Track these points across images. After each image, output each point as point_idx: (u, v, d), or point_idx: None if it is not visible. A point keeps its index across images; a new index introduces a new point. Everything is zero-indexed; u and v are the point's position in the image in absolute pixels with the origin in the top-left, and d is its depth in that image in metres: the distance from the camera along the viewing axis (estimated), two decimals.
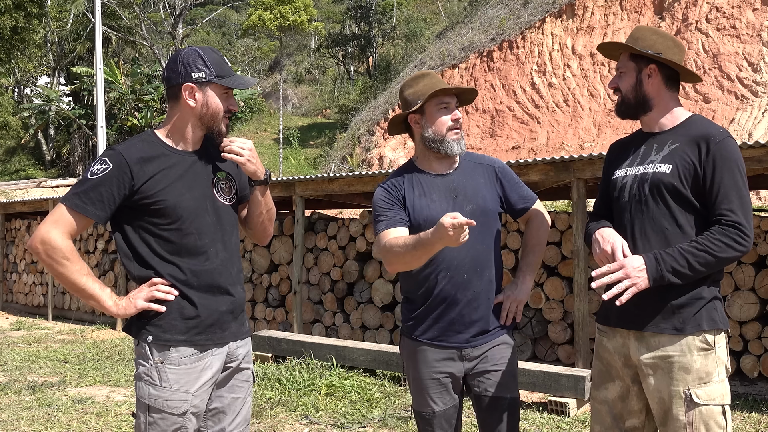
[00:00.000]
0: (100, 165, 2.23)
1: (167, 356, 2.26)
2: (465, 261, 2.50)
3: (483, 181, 2.62)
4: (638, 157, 2.41)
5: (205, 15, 39.71)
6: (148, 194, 2.24)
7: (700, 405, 2.20)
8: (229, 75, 2.33)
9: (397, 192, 2.62)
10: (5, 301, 12.70)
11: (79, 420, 5.08)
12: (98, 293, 2.26)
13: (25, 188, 23.63)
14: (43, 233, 2.19)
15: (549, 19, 19.60)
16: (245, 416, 2.46)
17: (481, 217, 2.51)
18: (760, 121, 14.48)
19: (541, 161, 6.04)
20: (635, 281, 2.20)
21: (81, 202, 2.20)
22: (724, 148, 2.24)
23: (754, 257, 5.56)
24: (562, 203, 12.98)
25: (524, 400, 5.51)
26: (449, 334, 2.53)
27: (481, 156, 2.73)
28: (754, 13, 16.01)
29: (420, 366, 2.57)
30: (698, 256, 2.18)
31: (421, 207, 2.56)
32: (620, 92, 2.42)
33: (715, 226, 2.20)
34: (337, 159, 23.29)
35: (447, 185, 2.59)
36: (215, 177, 2.40)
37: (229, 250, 2.39)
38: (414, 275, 2.58)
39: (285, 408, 5.30)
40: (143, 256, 2.29)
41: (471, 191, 2.58)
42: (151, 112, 30.17)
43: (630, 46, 2.38)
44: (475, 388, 2.57)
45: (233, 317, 2.39)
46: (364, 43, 36.23)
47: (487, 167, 2.66)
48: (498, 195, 2.63)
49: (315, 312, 8.10)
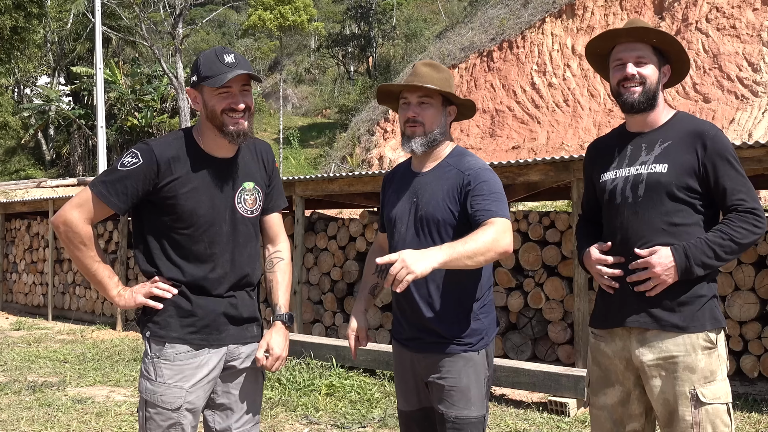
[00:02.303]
0: (131, 158, 2.27)
1: (162, 352, 2.29)
2: None
3: (446, 187, 2.39)
4: (626, 158, 2.36)
5: (205, 15, 39.68)
6: (169, 195, 2.27)
7: (706, 404, 2.20)
8: (218, 74, 2.24)
9: (383, 186, 2.66)
10: (5, 301, 12.70)
11: (79, 420, 5.07)
12: (106, 281, 2.33)
13: (25, 188, 23.60)
14: (67, 214, 2.26)
15: (549, 19, 19.60)
16: (253, 415, 2.47)
17: (427, 227, 2.39)
18: (760, 121, 14.48)
19: (541, 161, 6.04)
20: (662, 280, 2.22)
21: (106, 191, 2.26)
22: (719, 142, 2.25)
23: (754, 257, 5.56)
24: (562, 203, 12.98)
25: (524, 400, 5.51)
26: (404, 336, 2.52)
27: (467, 161, 2.44)
28: (754, 13, 16.01)
29: (394, 363, 2.62)
30: (724, 246, 2.19)
31: (389, 204, 2.55)
32: (643, 83, 2.30)
33: (732, 214, 2.22)
34: (337, 159, 23.29)
35: (415, 185, 2.49)
36: (241, 186, 2.39)
37: (237, 263, 2.37)
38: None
39: (285, 408, 5.30)
40: (152, 252, 2.32)
41: (427, 197, 2.42)
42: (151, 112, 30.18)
43: (675, 39, 2.32)
44: (431, 399, 2.46)
45: (234, 323, 2.37)
46: (364, 43, 36.23)
47: (459, 174, 2.39)
48: (457, 207, 2.36)
49: (315, 312, 8.10)
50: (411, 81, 2.43)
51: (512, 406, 5.37)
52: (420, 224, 2.41)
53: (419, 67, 2.45)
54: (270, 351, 2.40)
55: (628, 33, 2.32)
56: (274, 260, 2.54)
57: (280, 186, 2.58)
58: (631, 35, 2.32)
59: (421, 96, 2.42)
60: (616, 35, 2.37)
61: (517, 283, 6.66)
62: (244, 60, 2.31)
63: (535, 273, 6.52)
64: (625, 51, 2.33)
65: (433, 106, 2.43)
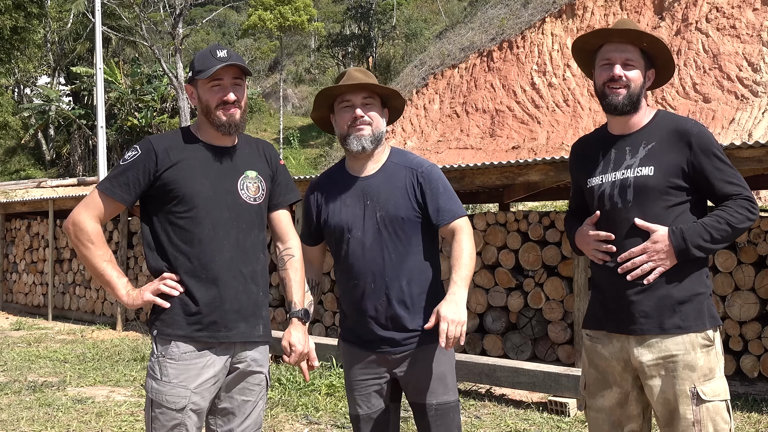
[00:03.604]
0: (131, 152, 2.36)
1: (168, 350, 2.29)
2: (368, 271, 2.47)
3: (401, 185, 2.48)
4: (611, 162, 2.35)
5: (205, 15, 39.70)
6: (169, 180, 2.31)
7: (707, 401, 2.20)
8: (209, 67, 2.32)
9: (314, 195, 2.62)
10: (5, 301, 12.70)
11: (79, 420, 5.08)
12: (114, 280, 2.33)
13: (25, 188, 23.63)
14: (75, 215, 2.32)
15: (549, 19, 19.61)
16: (255, 419, 2.45)
17: (390, 227, 2.45)
18: (760, 121, 14.48)
19: (541, 161, 6.04)
20: (659, 264, 2.23)
21: (110, 185, 2.32)
22: (703, 138, 2.26)
23: (754, 257, 5.56)
24: (562, 203, 12.98)
25: (524, 400, 5.52)
26: (365, 338, 2.52)
27: (412, 158, 2.57)
28: (754, 13, 16.02)
29: (347, 368, 2.59)
30: (720, 230, 2.21)
31: (334, 212, 2.54)
32: (628, 86, 2.29)
33: (729, 201, 2.24)
34: (337, 159, 23.30)
35: (363, 189, 2.51)
36: (243, 174, 2.42)
37: (242, 248, 2.38)
38: (337, 280, 2.62)
39: (285, 408, 5.30)
40: (162, 245, 2.34)
41: (384, 197, 2.47)
42: (151, 112, 30.20)
43: (663, 44, 2.31)
44: (405, 395, 2.54)
45: (241, 317, 2.36)
46: (364, 43, 36.24)
47: (410, 171, 2.50)
48: (416, 201, 2.47)
49: (315, 312, 8.10)
50: (350, 82, 2.47)
51: (512, 406, 5.38)
52: (381, 225, 2.45)
53: (353, 72, 2.51)
54: (293, 348, 2.44)
55: (621, 34, 2.31)
56: (285, 258, 2.53)
57: (290, 181, 2.59)
58: (624, 36, 2.31)
59: (365, 96, 2.49)
60: (608, 35, 2.35)
61: (517, 283, 6.67)
62: (236, 55, 2.37)
63: (535, 273, 6.52)
64: (615, 51, 2.31)
65: (376, 106, 2.52)
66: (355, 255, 2.47)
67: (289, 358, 2.44)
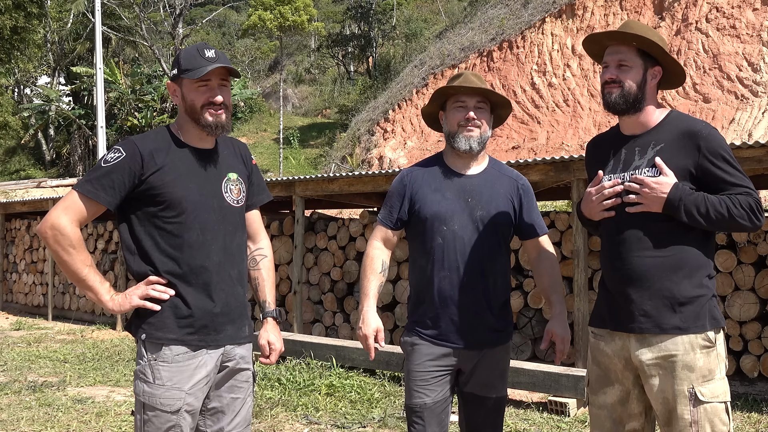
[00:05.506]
0: (114, 153, 2.27)
1: (160, 354, 2.27)
2: (462, 263, 2.55)
3: (503, 192, 2.66)
4: (620, 163, 2.37)
5: (205, 15, 39.68)
6: (155, 184, 2.27)
7: (704, 402, 2.20)
8: (197, 67, 2.29)
9: (409, 182, 2.69)
10: (5, 301, 12.70)
11: (79, 420, 5.08)
12: (97, 286, 2.28)
13: (25, 188, 23.63)
14: (53, 219, 2.22)
15: (549, 19, 19.60)
16: (245, 416, 2.45)
17: (489, 226, 2.58)
18: (760, 121, 14.47)
19: (541, 161, 6.04)
20: (644, 201, 2.25)
21: (93, 188, 2.24)
22: (713, 141, 2.26)
23: (754, 257, 5.56)
24: (562, 203, 12.97)
25: (524, 400, 5.51)
26: (447, 333, 2.57)
27: (509, 169, 2.79)
28: (754, 13, 16.01)
29: (417, 360, 2.62)
30: (717, 211, 2.20)
31: (432, 202, 2.61)
32: (621, 86, 2.33)
33: (740, 195, 2.23)
34: (337, 159, 23.27)
35: (464, 186, 2.63)
36: (226, 177, 2.41)
37: (229, 251, 2.38)
38: (419, 270, 2.64)
39: (285, 408, 5.30)
40: (146, 250, 2.30)
41: (486, 198, 2.62)
42: (151, 112, 30.16)
43: (655, 42, 2.32)
44: (465, 386, 2.64)
45: (229, 320, 2.37)
46: (364, 43, 36.21)
47: (511, 181, 2.71)
48: (513, 209, 2.67)
49: (315, 312, 8.10)
50: (467, 85, 2.60)
51: (512, 406, 5.37)
52: (480, 223, 2.58)
53: (470, 76, 2.63)
54: (272, 347, 2.50)
55: (609, 36, 2.37)
56: (258, 257, 2.55)
57: (261, 181, 2.61)
58: (612, 38, 2.37)
59: (479, 101, 2.63)
60: (599, 39, 2.42)
61: (517, 283, 6.66)
62: (223, 56, 2.35)
63: None
64: (610, 54, 2.38)
65: (486, 111, 2.66)
66: (451, 247, 2.56)
67: (269, 358, 2.51)
